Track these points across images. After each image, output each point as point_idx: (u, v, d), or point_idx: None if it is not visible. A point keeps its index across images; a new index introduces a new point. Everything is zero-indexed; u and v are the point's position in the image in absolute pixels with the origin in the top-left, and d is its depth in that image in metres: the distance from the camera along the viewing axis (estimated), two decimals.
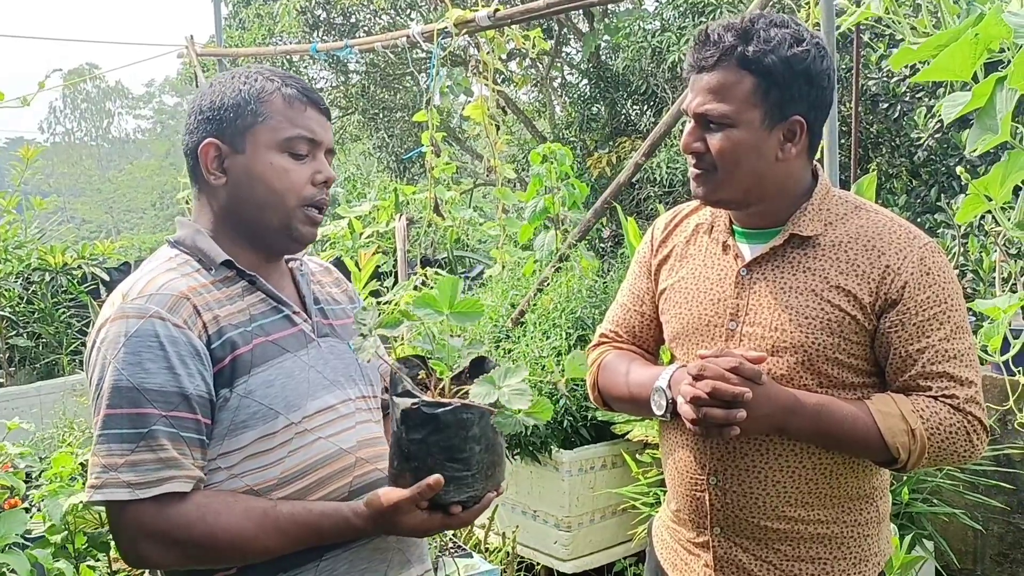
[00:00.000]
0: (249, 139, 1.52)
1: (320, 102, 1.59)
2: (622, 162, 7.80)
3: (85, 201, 39.59)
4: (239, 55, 8.20)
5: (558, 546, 3.59)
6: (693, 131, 1.65)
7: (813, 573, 1.70)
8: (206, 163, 1.54)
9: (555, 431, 3.59)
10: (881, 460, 1.62)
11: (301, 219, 1.56)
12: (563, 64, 11.13)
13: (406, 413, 1.40)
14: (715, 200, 1.71)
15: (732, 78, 1.59)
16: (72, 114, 55.52)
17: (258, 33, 11.03)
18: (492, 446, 1.44)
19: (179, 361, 1.41)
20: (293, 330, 1.56)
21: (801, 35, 1.61)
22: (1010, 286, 3.85)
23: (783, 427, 1.58)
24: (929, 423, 1.56)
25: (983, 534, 3.65)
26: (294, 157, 1.54)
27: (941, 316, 1.60)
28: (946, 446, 1.57)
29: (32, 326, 5.63)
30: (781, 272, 1.68)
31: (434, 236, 5.83)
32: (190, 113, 1.58)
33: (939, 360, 1.59)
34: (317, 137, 1.56)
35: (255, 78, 1.55)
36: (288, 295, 1.60)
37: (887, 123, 6.16)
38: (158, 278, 1.47)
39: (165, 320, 1.41)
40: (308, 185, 1.55)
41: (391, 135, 11.80)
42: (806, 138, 1.64)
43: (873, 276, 1.62)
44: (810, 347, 1.62)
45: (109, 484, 1.37)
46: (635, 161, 3.95)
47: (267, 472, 1.47)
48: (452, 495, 1.42)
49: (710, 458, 1.71)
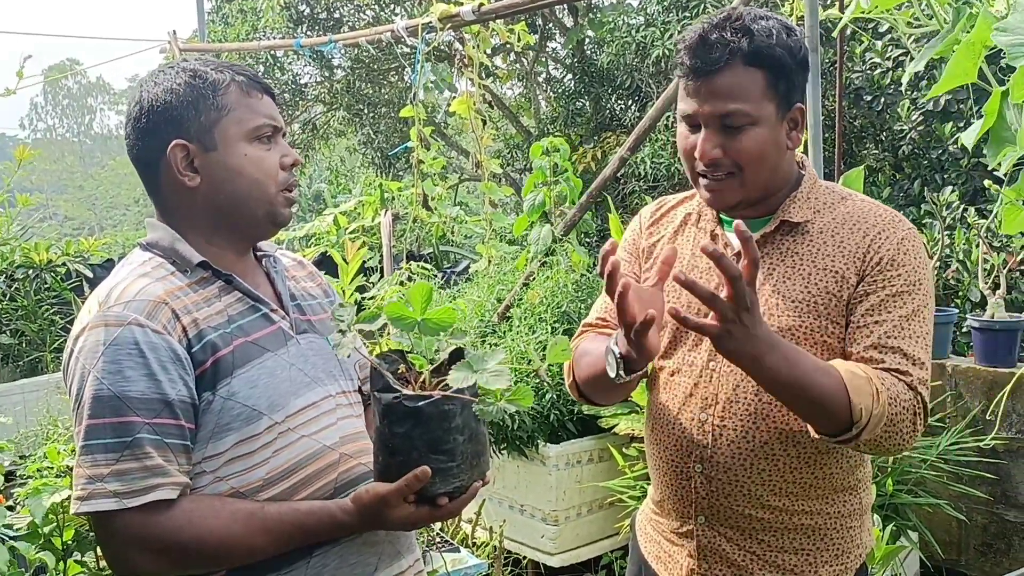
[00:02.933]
0: (218, 134, 1.50)
1: (269, 87, 1.58)
2: (607, 157, 7.80)
3: (68, 198, 39.36)
4: (222, 50, 8.16)
5: (545, 540, 3.60)
6: (709, 137, 1.62)
7: (796, 564, 1.70)
8: (176, 165, 1.50)
9: (542, 425, 3.60)
10: (835, 426, 1.53)
11: (281, 203, 1.56)
12: (548, 59, 11.13)
13: (388, 407, 1.39)
14: (733, 204, 1.69)
15: (745, 76, 1.58)
16: (54, 110, 55.18)
17: (241, 28, 10.97)
18: (475, 436, 1.44)
19: (160, 367, 1.39)
20: (272, 328, 1.55)
21: (787, 23, 1.62)
22: (993, 278, 3.88)
23: (761, 358, 1.46)
24: (890, 392, 1.53)
25: (967, 525, 3.68)
26: (262, 144, 1.54)
27: (906, 296, 1.60)
28: (898, 421, 1.53)
29: (15, 323, 5.59)
30: (771, 259, 1.69)
31: (420, 232, 5.82)
32: (138, 115, 1.52)
33: (895, 335, 1.58)
34: (277, 123, 1.56)
35: (203, 72, 1.52)
36: (264, 293, 1.59)
37: (871, 116, 6.19)
38: (134, 284, 1.44)
39: (144, 326, 1.39)
40: (280, 170, 1.55)
41: (376, 131, 11.75)
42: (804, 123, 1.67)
43: (858, 254, 1.63)
44: (798, 330, 1.63)
45: (96, 495, 1.36)
46: (620, 155, 3.96)
47: (252, 473, 1.46)
48: (438, 487, 1.41)
49: (697, 445, 1.72)
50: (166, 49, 6.58)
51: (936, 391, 3.66)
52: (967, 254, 4.20)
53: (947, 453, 3.40)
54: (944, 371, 3.71)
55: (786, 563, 1.70)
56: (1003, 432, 3.58)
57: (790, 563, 1.70)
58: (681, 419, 1.74)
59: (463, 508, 1.49)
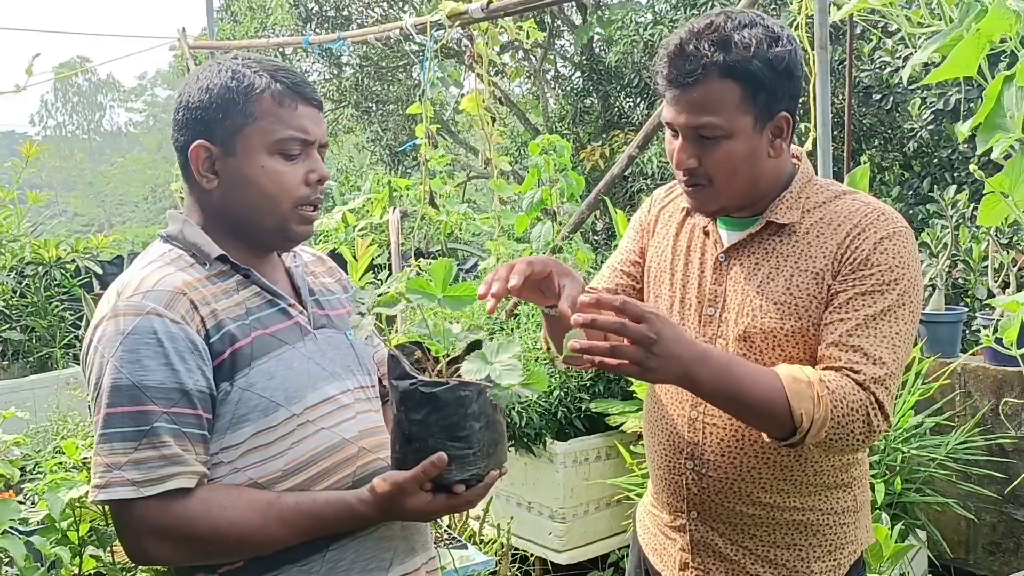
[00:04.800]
0: (240, 141, 1.48)
1: (311, 96, 1.53)
2: (615, 155, 7.80)
3: (77, 195, 39.48)
4: (231, 48, 8.17)
5: (552, 537, 3.60)
6: (684, 147, 1.62)
7: (788, 559, 1.71)
8: (196, 166, 1.50)
9: (549, 423, 3.60)
10: (781, 433, 1.55)
11: (296, 219, 1.53)
12: (556, 56, 11.13)
13: (405, 394, 1.40)
14: (714, 211, 1.71)
15: (719, 89, 1.56)
16: (63, 107, 55.32)
17: (250, 26, 11.00)
18: (492, 424, 1.44)
19: (178, 357, 1.40)
20: (289, 323, 1.55)
21: (774, 31, 1.59)
22: (1002, 276, 3.87)
23: (691, 374, 1.48)
24: (835, 395, 1.52)
25: (975, 524, 3.67)
26: (286, 158, 1.50)
27: (877, 295, 1.58)
28: (845, 423, 1.52)
29: (25, 320, 5.61)
30: (757, 259, 1.69)
31: (428, 229, 5.82)
32: (177, 108, 1.53)
33: (857, 333, 1.57)
34: (310, 136, 1.52)
35: (243, 73, 1.49)
36: (283, 288, 1.59)
37: (880, 115, 6.17)
38: (153, 274, 1.46)
39: (163, 316, 1.40)
40: (302, 185, 1.52)
41: (384, 128, 11.78)
42: (791, 130, 1.65)
43: (836, 255, 1.62)
44: (779, 332, 1.63)
45: (113, 483, 1.37)
46: (628, 153, 3.96)
47: (270, 464, 1.47)
48: (455, 474, 1.41)
49: (688, 442, 1.73)
50: (175, 47, 6.60)
51: (945, 390, 3.65)
52: (968, 252, 4.18)
53: (956, 452, 3.39)
54: (953, 370, 3.70)
55: (778, 558, 1.71)
56: (1012, 431, 3.57)
57: (782, 558, 1.71)
58: (673, 416, 1.75)
59: (480, 498, 1.48)
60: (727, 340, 1.68)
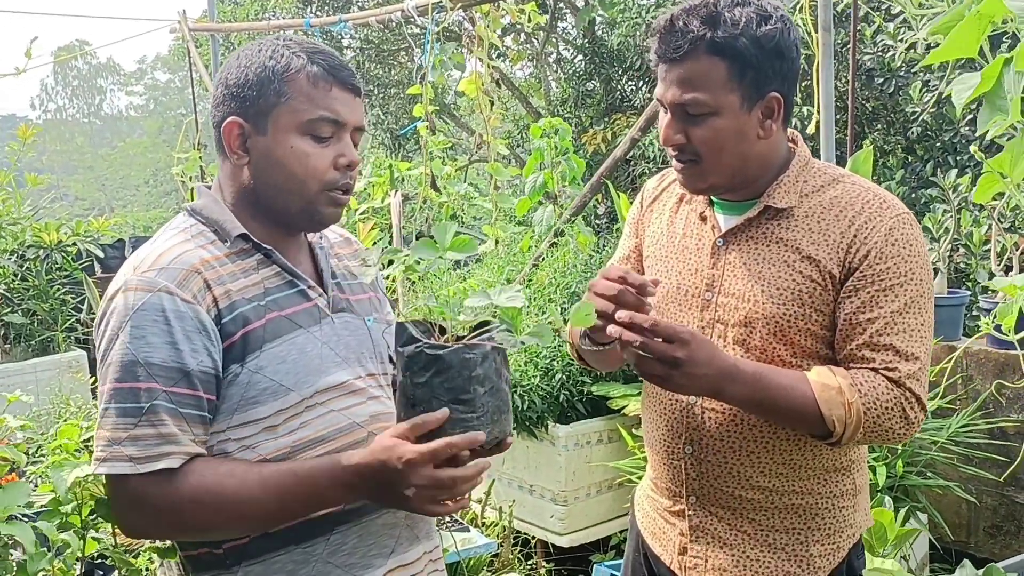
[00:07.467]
0: (271, 120, 1.48)
1: (348, 80, 1.52)
2: (617, 138, 7.78)
3: (78, 178, 39.40)
4: (232, 30, 8.15)
5: (554, 520, 3.62)
6: (672, 123, 1.63)
7: (787, 543, 1.71)
8: (229, 142, 1.51)
9: (551, 406, 3.61)
10: (817, 433, 1.60)
11: (324, 202, 1.52)
12: (558, 39, 11.08)
13: (410, 358, 1.39)
14: (703, 189, 1.71)
15: (705, 66, 1.57)
16: (63, 91, 55.18)
17: (251, 8, 10.96)
18: (496, 391, 1.43)
19: (184, 337, 1.40)
20: (307, 305, 1.55)
21: (766, 10, 1.59)
22: (1004, 260, 3.86)
23: (720, 390, 1.55)
24: (867, 398, 1.55)
25: (977, 507, 3.68)
26: (317, 140, 1.49)
27: (898, 288, 1.59)
28: (881, 422, 1.56)
29: (27, 303, 5.62)
30: (755, 243, 1.68)
31: (429, 212, 5.81)
32: (216, 84, 1.55)
33: (887, 332, 1.58)
34: (341, 118, 1.51)
35: (281, 53, 1.49)
36: (304, 269, 1.59)
37: (883, 99, 6.14)
38: (171, 250, 1.46)
39: (173, 295, 1.41)
40: (330, 169, 1.51)
41: (386, 112, 11.75)
42: (783, 111, 1.64)
43: (842, 245, 1.62)
44: (781, 318, 1.63)
45: (113, 457, 1.39)
46: (631, 136, 3.95)
47: (279, 441, 1.47)
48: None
49: (686, 427, 1.73)
50: (176, 29, 6.57)
51: (947, 373, 3.65)
52: (969, 236, 4.17)
53: (957, 435, 3.40)
54: (955, 353, 3.69)
55: (777, 542, 1.71)
56: (1013, 414, 3.58)
57: (781, 542, 1.71)
58: (671, 401, 1.75)
59: (482, 472, 1.41)
60: (726, 324, 1.68)
